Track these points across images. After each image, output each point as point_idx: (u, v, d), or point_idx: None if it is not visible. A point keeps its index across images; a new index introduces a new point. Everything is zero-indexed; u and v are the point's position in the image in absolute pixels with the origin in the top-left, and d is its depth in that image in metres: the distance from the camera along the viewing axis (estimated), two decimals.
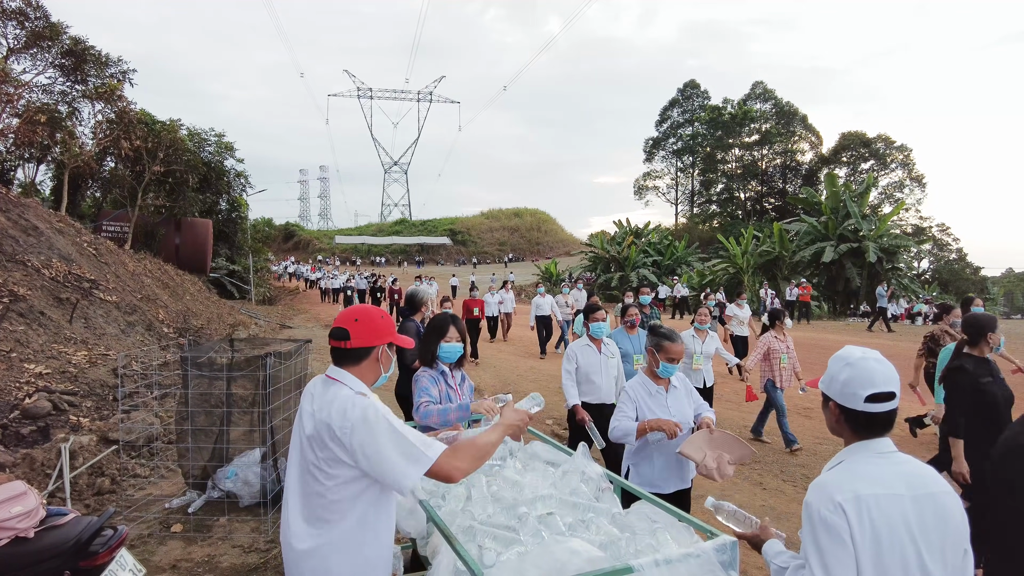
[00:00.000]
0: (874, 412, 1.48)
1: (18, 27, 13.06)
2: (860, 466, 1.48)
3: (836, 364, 1.57)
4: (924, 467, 1.50)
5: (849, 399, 1.51)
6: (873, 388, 1.47)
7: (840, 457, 1.56)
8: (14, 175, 16.41)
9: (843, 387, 1.52)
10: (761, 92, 58.65)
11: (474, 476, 2.30)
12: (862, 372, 1.49)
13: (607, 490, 2.19)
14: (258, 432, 4.56)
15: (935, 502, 1.43)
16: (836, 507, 1.40)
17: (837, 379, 1.54)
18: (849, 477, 1.46)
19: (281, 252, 54.75)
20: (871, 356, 1.52)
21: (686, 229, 56.25)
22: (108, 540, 2.48)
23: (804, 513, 1.46)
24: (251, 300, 23.26)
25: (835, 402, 1.55)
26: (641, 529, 1.84)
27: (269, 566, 3.79)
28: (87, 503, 4.60)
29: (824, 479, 1.50)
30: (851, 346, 1.59)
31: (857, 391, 1.49)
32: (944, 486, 1.47)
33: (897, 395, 1.49)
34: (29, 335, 7.27)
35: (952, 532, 1.43)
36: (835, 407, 1.56)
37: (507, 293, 15.95)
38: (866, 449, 1.51)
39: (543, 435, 2.78)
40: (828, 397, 1.58)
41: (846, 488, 1.42)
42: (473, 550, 1.70)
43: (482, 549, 1.71)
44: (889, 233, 26.33)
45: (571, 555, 1.49)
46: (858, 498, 1.40)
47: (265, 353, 4.29)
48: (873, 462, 1.48)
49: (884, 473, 1.45)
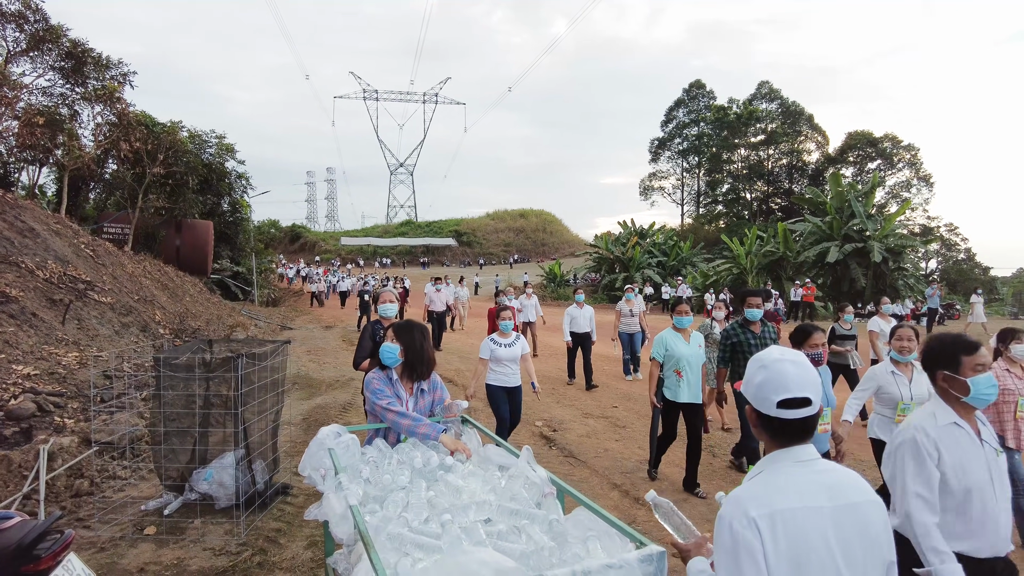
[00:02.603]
0: (786, 418, 1.40)
1: (17, 30, 13.14)
2: (778, 477, 1.40)
3: (752, 366, 1.50)
4: (848, 474, 1.43)
5: (762, 403, 1.44)
6: (786, 393, 1.39)
7: (760, 467, 1.48)
8: (17, 178, 16.54)
9: (757, 390, 1.45)
10: (767, 92, 58.32)
11: (415, 481, 2.26)
12: (775, 375, 1.42)
13: (550, 495, 2.14)
14: (232, 434, 4.52)
15: (857, 512, 1.35)
16: (750, 522, 1.32)
17: (752, 382, 1.48)
18: (766, 489, 1.38)
19: (288, 254, 54.96)
20: (788, 358, 1.44)
21: (691, 229, 56.00)
22: (53, 544, 2.45)
23: (716, 527, 1.38)
24: (254, 301, 23.33)
25: (750, 406, 1.49)
26: (574, 537, 1.79)
27: (238, 569, 3.76)
28: (63, 505, 4.59)
29: (740, 492, 1.42)
30: (774, 347, 1.52)
31: (769, 395, 1.41)
32: (868, 495, 1.39)
33: (814, 401, 1.40)
34: (19, 336, 7.29)
35: (873, 544, 1.35)
36: (751, 411, 1.49)
37: (528, 299, 12.87)
38: (786, 457, 1.43)
39: (501, 440, 2.73)
40: (745, 400, 1.52)
41: (762, 501, 1.35)
42: (396, 558, 1.66)
43: (406, 557, 1.67)
44: (895, 233, 26.08)
45: (479, 566, 1.43)
46: (773, 513, 1.32)
47: (237, 354, 4.26)
48: (792, 472, 1.40)
49: (803, 483, 1.38)
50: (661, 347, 5.18)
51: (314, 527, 4.35)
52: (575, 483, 5.30)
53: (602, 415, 7.78)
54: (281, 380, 5.09)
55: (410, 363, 3.04)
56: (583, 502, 1.97)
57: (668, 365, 5.15)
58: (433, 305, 13.97)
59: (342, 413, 7.69)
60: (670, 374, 5.14)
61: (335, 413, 7.68)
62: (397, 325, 3.11)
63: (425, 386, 3.13)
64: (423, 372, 3.08)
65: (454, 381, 9.73)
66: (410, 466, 2.40)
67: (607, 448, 6.44)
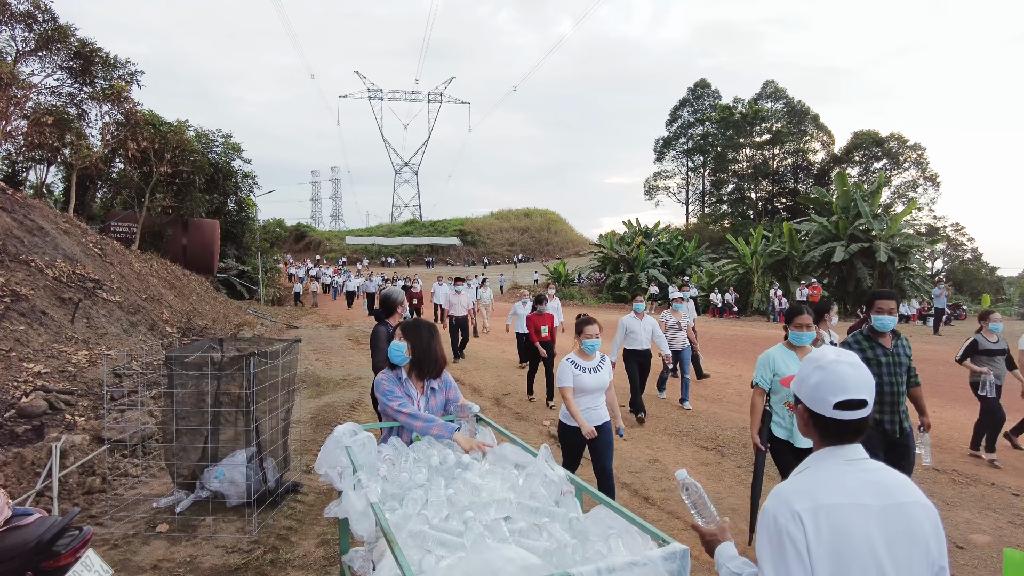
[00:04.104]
0: (844, 419, 1.41)
1: (26, 30, 13.21)
2: (825, 473, 1.41)
3: (808, 366, 1.50)
4: (896, 475, 1.42)
5: (818, 404, 1.44)
6: (844, 395, 1.40)
7: (806, 463, 1.49)
8: (26, 177, 16.64)
9: (813, 391, 1.45)
10: (772, 91, 58.20)
11: (433, 479, 2.27)
12: (833, 376, 1.42)
13: (568, 493, 2.14)
14: (244, 432, 4.54)
15: (904, 513, 1.35)
16: (793, 516, 1.33)
17: (807, 382, 1.47)
18: (811, 485, 1.39)
19: (294, 253, 55.11)
20: (845, 360, 1.44)
21: (696, 229, 55.93)
22: (72, 541, 2.47)
23: (760, 520, 1.40)
24: (260, 300, 23.40)
25: (804, 405, 1.49)
26: (595, 535, 1.79)
27: (250, 567, 3.77)
28: (76, 502, 4.61)
29: (785, 486, 1.43)
30: (827, 347, 1.52)
31: (827, 396, 1.42)
32: (916, 496, 1.39)
33: (869, 403, 1.42)
34: (30, 334, 7.33)
35: (921, 546, 1.35)
36: (804, 410, 1.50)
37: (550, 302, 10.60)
38: (833, 456, 1.44)
39: (516, 437, 2.73)
40: (799, 399, 1.52)
41: (806, 496, 1.36)
42: (419, 555, 1.66)
43: (429, 554, 1.67)
44: (901, 233, 25.98)
45: (505, 562, 1.44)
46: (817, 508, 1.33)
47: (249, 352, 4.27)
48: (839, 470, 1.41)
49: (850, 481, 1.38)
50: (768, 369, 3.96)
51: (326, 525, 4.36)
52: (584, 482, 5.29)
53: None
54: (291, 379, 5.10)
55: (418, 361, 3.05)
56: (603, 500, 1.97)
57: (778, 394, 3.92)
58: (453, 310, 12.12)
59: (350, 412, 7.71)
60: (781, 406, 3.91)
61: (343, 412, 7.70)
62: (404, 324, 3.13)
63: (436, 385, 3.13)
64: (432, 370, 3.09)
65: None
66: (427, 464, 2.40)
67: (616, 447, 6.42)
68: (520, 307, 11.03)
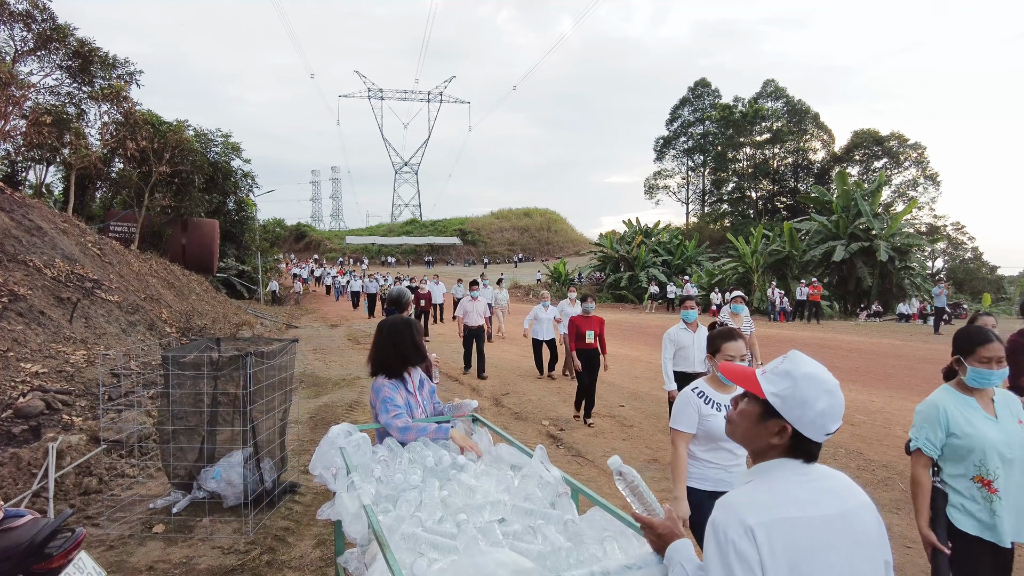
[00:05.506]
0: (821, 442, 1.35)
1: (25, 29, 13.19)
2: (779, 484, 1.32)
3: (814, 388, 1.33)
4: (842, 478, 1.38)
5: (816, 431, 1.33)
6: (838, 423, 1.33)
7: (754, 473, 1.38)
8: (25, 177, 16.62)
9: (818, 417, 1.32)
10: (772, 90, 58.12)
11: (428, 480, 2.25)
12: (838, 402, 1.33)
13: (564, 495, 2.12)
14: (241, 432, 4.52)
15: (857, 518, 1.31)
16: (746, 531, 1.22)
17: (814, 407, 1.32)
18: (765, 496, 1.30)
19: (293, 252, 55.13)
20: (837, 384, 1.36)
21: (696, 228, 55.89)
22: (64, 543, 2.45)
23: (708, 531, 1.29)
24: (259, 300, 23.39)
25: (790, 424, 1.34)
26: (590, 537, 1.77)
27: (246, 568, 3.75)
28: (72, 503, 4.59)
29: (735, 497, 1.32)
30: (823, 369, 1.38)
31: (828, 424, 1.32)
32: (862, 498, 1.35)
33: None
34: (27, 334, 7.31)
35: (871, 547, 1.31)
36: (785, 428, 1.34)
37: (572, 306, 9.79)
38: (785, 466, 1.35)
39: (512, 438, 2.71)
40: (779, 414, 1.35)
41: (760, 509, 1.26)
42: (411, 558, 1.64)
43: (421, 557, 1.65)
44: (901, 232, 25.96)
45: (497, 566, 1.41)
46: (772, 522, 1.24)
47: (246, 352, 4.25)
48: (793, 479, 1.32)
49: (806, 491, 1.30)
50: (938, 427, 2.55)
51: (322, 526, 4.35)
52: (583, 483, 5.26)
53: (609, 414, 7.76)
54: (289, 379, 5.08)
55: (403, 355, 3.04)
56: (599, 502, 1.95)
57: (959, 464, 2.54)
58: (468, 318, 10.36)
59: (349, 412, 7.69)
60: (967, 482, 2.53)
61: (342, 412, 7.68)
62: (382, 323, 3.16)
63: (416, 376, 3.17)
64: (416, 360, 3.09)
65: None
66: (422, 465, 2.38)
67: (614, 447, 6.42)
68: (541, 311, 10.04)
